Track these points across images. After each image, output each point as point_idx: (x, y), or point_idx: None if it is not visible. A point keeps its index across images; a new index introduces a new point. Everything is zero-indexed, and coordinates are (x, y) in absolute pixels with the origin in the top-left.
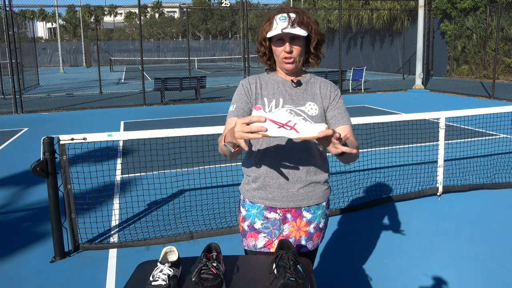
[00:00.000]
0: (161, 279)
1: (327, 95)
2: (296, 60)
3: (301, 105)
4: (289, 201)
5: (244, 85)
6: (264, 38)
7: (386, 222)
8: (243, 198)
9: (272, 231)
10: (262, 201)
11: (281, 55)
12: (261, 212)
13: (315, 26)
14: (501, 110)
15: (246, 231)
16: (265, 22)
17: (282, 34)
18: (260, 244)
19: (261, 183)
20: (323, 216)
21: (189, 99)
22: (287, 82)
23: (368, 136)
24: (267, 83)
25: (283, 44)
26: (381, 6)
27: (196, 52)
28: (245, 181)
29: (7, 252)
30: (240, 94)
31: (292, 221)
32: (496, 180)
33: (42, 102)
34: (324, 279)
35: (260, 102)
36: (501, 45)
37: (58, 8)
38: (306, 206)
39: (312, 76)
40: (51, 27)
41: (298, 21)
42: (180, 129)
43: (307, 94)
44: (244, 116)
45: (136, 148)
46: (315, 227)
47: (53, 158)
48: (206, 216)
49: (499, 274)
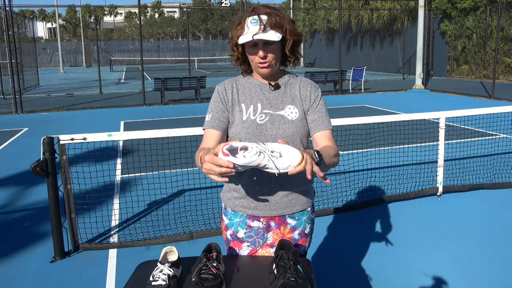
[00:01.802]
0: (161, 279)
1: (307, 96)
2: (272, 64)
3: (280, 109)
4: (272, 209)
5: (220, 92)
6: (236, 43)
7: (386, 221)
8: (224, 206)
9: (256, 240)
10: (244, 210)
11: (255, 60)
12: (244, 221)
13: (290, 26)
14: (501, 110)
15: (230, 240)
16: (236, 25)
17: (254, 40)
18: (243, 253)
19: (243, 192)
20: (309, 221)
21: (189, 99)
22: (264, 86)
23: (368, 136)
24: (244, 87)
25: (256, 50)
26: (381, 6)
27: (196, 52)
28: (226, 189)
29: (7, 252)
30: (216, 102)
31: (276, 228)
32: (496, 180)
33: (42, 102)
34: (324, 278)
35: (237, 108)
36: (501, 45)
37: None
38: (290, 214)
39: (291, 77)
40: (51, 27)
41: (271, 24)
42: (180, 129)
43: (286, 97)
44: (220, 126)
45: (136, 148)
46: (300, 233)
47: (53, 158)
48: (206, 216)
49: (499, 274)
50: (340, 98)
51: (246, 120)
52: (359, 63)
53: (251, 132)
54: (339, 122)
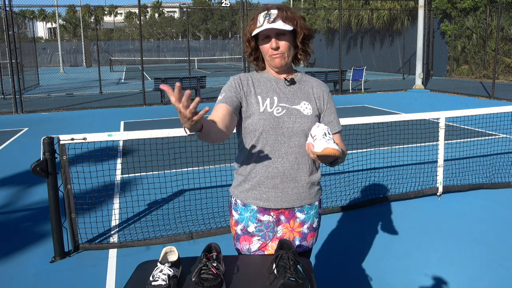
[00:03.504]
0: (161, 279)
1: (320, 96)
2: (285, 55)
3: (296, 104)
4: (283, 201)
5: (235, 80)
6: (249, 37)
7: (386, 221)
8: (234, 201)
9: (266, 234)
10: (256, 202)
11: (268, 52)
12: (254, 215)
13: (301, 21)
14: (501, 110)
15: (240, 235)
16: (249, 22)
17: (267, 30)
18: (254, 247)
19: (255, 183)
20: (316, 215)
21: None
22: (280, 80)
23: (368, 136)
24: (259, 81)
25: (269, 41)
26: (381, 6)
27: (196, 52)
28: (236, 183)
29: (7, 252)
30: (230, 87)
31: (286, 222)
32: (496, 180)
33: (42, 102)
34: (323, 278)
35: (254, 100)
36: (501, 45)
37: (58, 8)
38: (299, 207)
39: (303, 75)
40: (51, 27)
41: (282, 17)
42: (180, 129)
43: (301, 93)
44: (232, 103)
45: (136, 148)
46: (308, 227)
47: (53, 158)
48: (206, 216)
49: (499, 274)
50: (340, 98)
51: (264, 111)
52: (359, 63)
53: (269, 124)
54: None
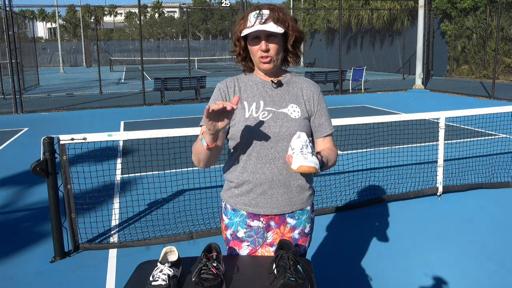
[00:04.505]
0: (161, 279)
1: (310, 98)
2: (274, 59)
3: (283, 107)
4: (272, 207)
5: (221, 89)
6: (238, 37)
7: (386, 221)
8: (224, 206)
9: (256, 240)
10: (245, 208)
11: (257, 54)
12: (244, 220)
13: (292, 23)
14: (501, 110)
15: (229, 240)
16: (239, 20)
17: (257, 32)
18: (243, 252)
19: (244, 189)
20: (308, 220)
21: (189, 99)
22: (267, 83)
23: (368, 136)
24: (246, 85)
25: (259, 43)
26: (381, 6)
27: (196, 52)
28: (226, 187)
29: (7, 252)
30: (216, 99)
31: (276, 228)
32: (496, 180)
33: (42, 102)
34: (323, 278)
35: (240, 106)
36: (501, 45)
37: (58, 8)
38: (289, 212)
39: (293, 75)
40: (51, 27)
41: (274, 18)
42: (180, 129)
43: (289, 96)
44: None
45: (136, 148)
46: (300, 233)
47: (53, 158)
48: (206, 216)
49: (499, 274)
50: (340, 98)
51: (249, 117)
52: (359, 63)
53: (254, 129)
54: (339, 122)
